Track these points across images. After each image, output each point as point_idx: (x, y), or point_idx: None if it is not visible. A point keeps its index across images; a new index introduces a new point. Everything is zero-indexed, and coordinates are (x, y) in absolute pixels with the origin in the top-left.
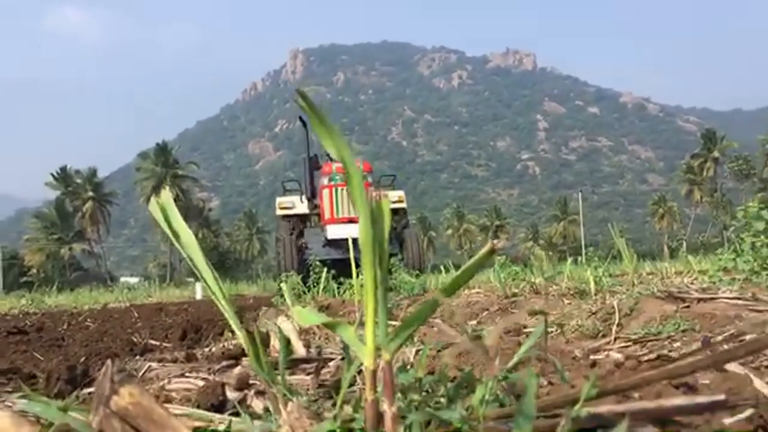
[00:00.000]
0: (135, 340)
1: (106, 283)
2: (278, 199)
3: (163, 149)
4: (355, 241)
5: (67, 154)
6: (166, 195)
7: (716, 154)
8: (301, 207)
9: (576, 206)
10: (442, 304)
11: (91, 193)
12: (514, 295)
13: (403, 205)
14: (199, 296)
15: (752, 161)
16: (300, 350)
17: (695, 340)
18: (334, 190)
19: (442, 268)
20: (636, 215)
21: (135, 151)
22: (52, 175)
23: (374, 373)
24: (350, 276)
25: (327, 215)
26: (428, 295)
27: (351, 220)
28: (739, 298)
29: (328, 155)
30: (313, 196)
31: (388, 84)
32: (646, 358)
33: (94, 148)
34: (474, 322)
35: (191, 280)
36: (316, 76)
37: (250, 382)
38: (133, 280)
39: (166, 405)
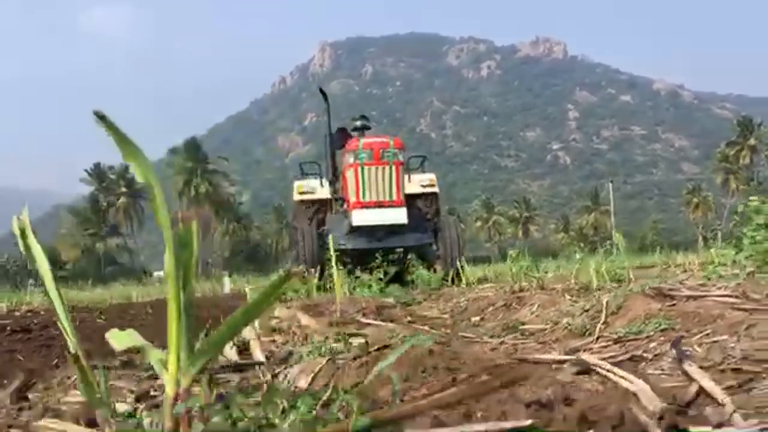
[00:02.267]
0: None
1: (139, 277)
2: (296, 183)
3: (193, 144)
4: (385, 228)
5: (101, 151)
6: (24, 215)
7: (753, 141)
8: (322, 191)
9: (608, 196)
10: (454, 298)
11: (124, 189)
12: (521, 290)
13: (435, 189)
14: (227, 290)
15: None
16: (257, 355)
17: (671, 340)
18: (360, 169)
19: (463, 261)
20: (670, 205)
21: (166, 147)
22: (86, 171)
23: (175, 399)
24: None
25: (352, 198)
26: (444, 289)
27: (380, 204)
28: (729, 296)
29: (354, 129)
30: (335, 178)
31: (416, 75)
32: (620, 358)
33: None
34: (478, 318)
35: (225, 273)
36: (344, 69)
37: (152, 393)
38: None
39: (52, 420)
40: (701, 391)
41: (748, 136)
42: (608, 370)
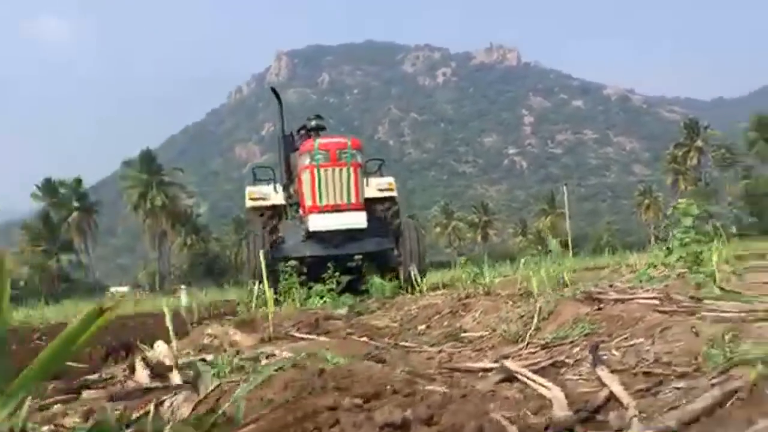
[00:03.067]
0: None
1: (94, 293)
2: (248, 189)
3: (147, 156)
4: (343, 233)
5: (52, 165)
6: None
7: (699, 143)
8: (276, 197)
9: (563, 199)
10: (406, 306)
11: (76, 204)
12: (468, 297)
13: (394, 193)
14: (184, 303)
15: (735, 149)
16: (174, 378)
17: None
18: (316, 171)
19: (425, 266)
20: (623, 206)
21: (121, 160)
22: (37, 186)
23: None
24: (337, 269)
25: (308, 202)
26: (399, 299)
27: (338, 208)
28: (655, 298)
29: (309, 129)
30: (290, 182)
31: (373, 83)
32: (543, 364)
33: (79, 158)
34: (424, 326)
35: (183, 287)
36: (300, 78)
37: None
38: (123, 289)
39: None
40: (611, 395)
41: (695, 138)
42: (527, 377)
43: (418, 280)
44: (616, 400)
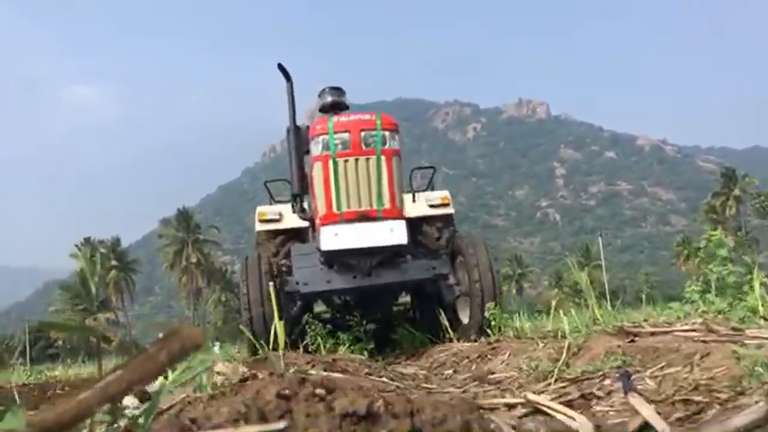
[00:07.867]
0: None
1: (130, 351)
2: (259, 209)
3: (184, 215)
4: (374, 255)
5: (91, 226)
6: None
7: (737, 192)
8: (293, 219)
9: (599, 251)
10: (435, 354)
11: (114, 262)
12: (497, 341)
13: (450, 210)
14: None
15: None
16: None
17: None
18: (332, 163)
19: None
20: (661, 258)
21: (158, 220)
22: (76, 246)
23: None
24: (375, 311)
25: (322, 209)
26: (429, 348)
27: (364, 216)
28: (693, 330)
29: (322, 110)
30: (304, 192)
31: (404, 139)
32: (571, 397)
33: (118, 219)
34: (451, 371)
35: (217, 343)
36: None
37: None
38: None
39: None
40: (645, 424)
41: (733, 187)
42: (552, 409)
43: (490, 323)
44: (651, 428)
